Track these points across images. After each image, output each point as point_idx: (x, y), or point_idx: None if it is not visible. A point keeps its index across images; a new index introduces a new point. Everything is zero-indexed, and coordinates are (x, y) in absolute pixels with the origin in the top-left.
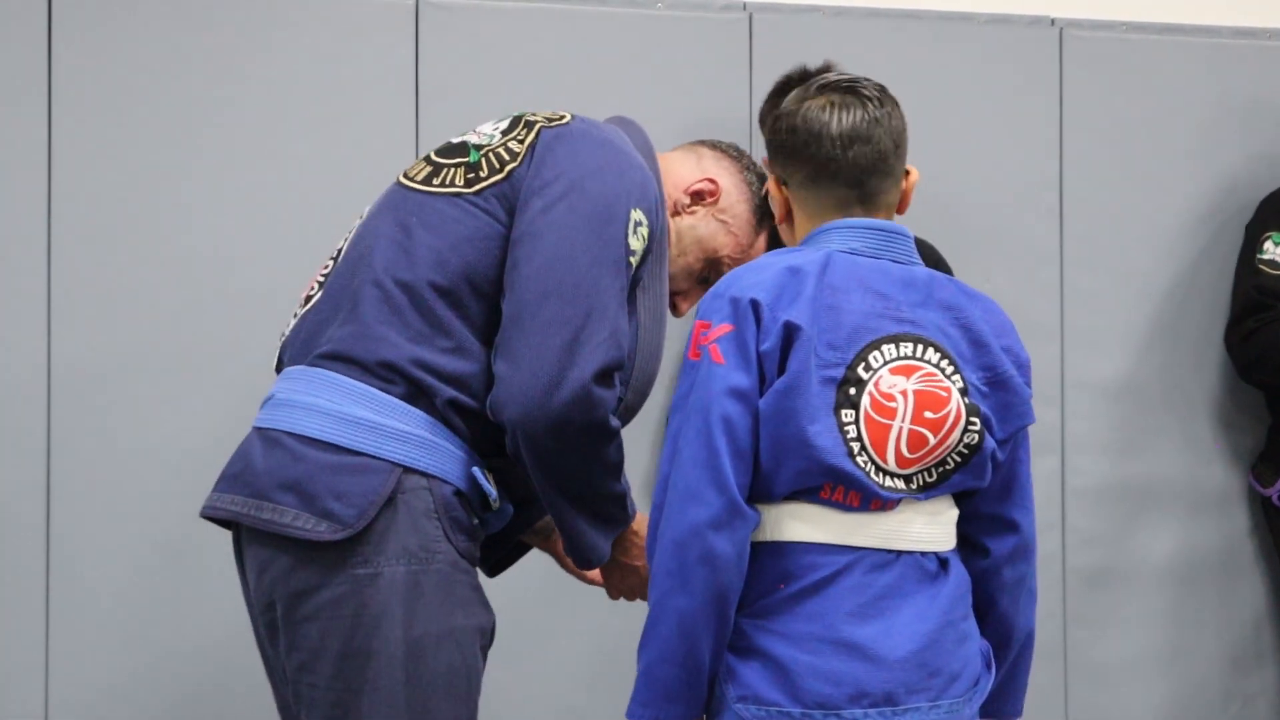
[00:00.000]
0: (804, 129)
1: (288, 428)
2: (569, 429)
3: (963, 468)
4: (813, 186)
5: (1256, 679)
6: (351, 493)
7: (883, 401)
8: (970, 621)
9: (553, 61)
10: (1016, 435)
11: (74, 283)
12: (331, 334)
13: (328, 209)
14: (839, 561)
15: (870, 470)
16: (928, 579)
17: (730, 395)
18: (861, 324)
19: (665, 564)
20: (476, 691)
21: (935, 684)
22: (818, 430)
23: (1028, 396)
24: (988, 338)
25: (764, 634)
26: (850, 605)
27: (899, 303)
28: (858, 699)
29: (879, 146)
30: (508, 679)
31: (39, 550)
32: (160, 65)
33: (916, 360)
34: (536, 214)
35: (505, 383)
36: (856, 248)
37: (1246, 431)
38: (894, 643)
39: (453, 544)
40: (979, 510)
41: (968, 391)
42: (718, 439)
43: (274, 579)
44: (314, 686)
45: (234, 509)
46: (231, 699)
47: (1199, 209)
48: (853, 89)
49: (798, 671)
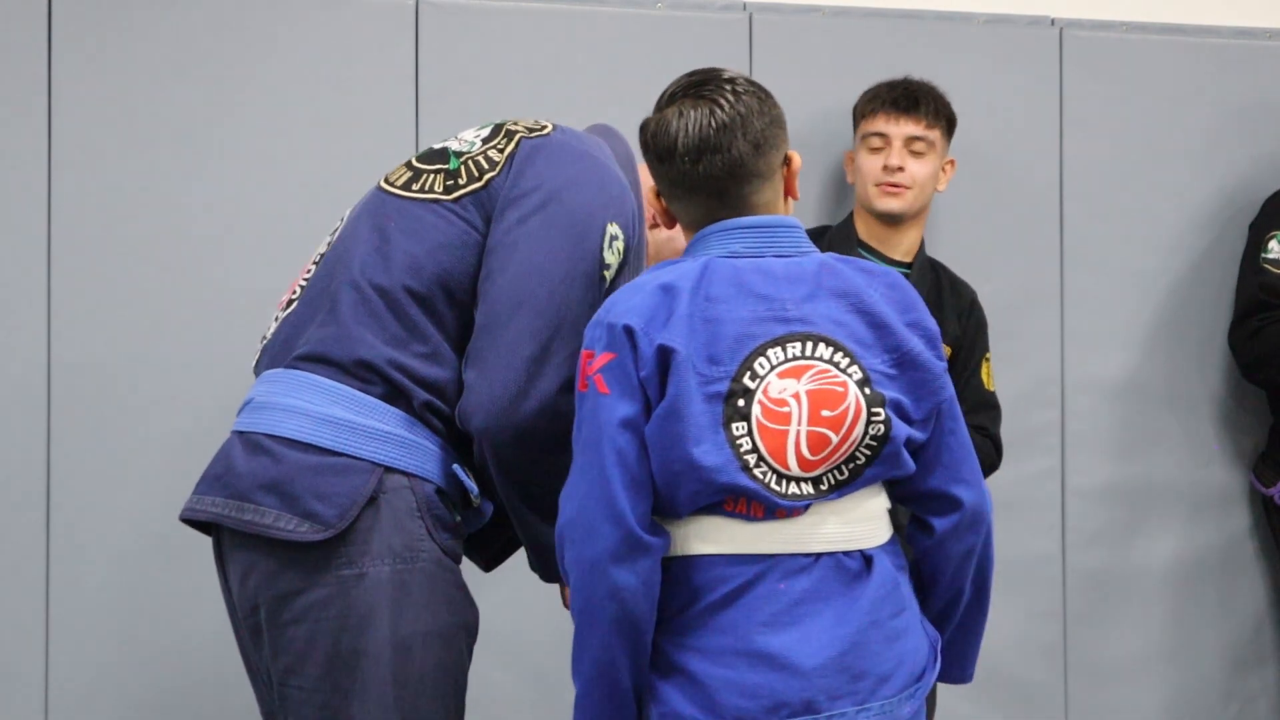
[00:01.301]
0: (656, 145)
1: (268, 430)
2: (534, 440)
3: (874, 461)
4: (676, 200)
5: (1256, 679)
6: (333, 493)
7: (774, 408)
8: (904, 617)
9: (553, 61)
10: (938, 410)
11: (74, 283)
12: (310, 335)
13: (328, 209)
14: (749, 572)
15: (770, 480)
16: (849, 579)
17: (619, 426)
18: (744, 332)
19: (575, 602)
20: (464, 689)
21: (862, 687)
22: (704, 450)
23: (941, 370)
24: (889, 318)
25: (681, 650)
26: (764, 615)
27: (784, 301)
28: (775, 710)
29: (732, 153)
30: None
31: (39, 550)
32: (160, 66)
33: (806, 359)
34: (512, 224)
35: (473, 391)
36: (736, 249)
37: (1247, 431)
38: (810, 649)
39: (436, 542)
40: (916, 490)
41: (869, 381)
42: (610, 471)
43: (258, 582)
44: (301, 689)
45: (215, 511)
46: (232, 698)
47: (1199, 209)
48: (704, 94)
49: (713, 686)
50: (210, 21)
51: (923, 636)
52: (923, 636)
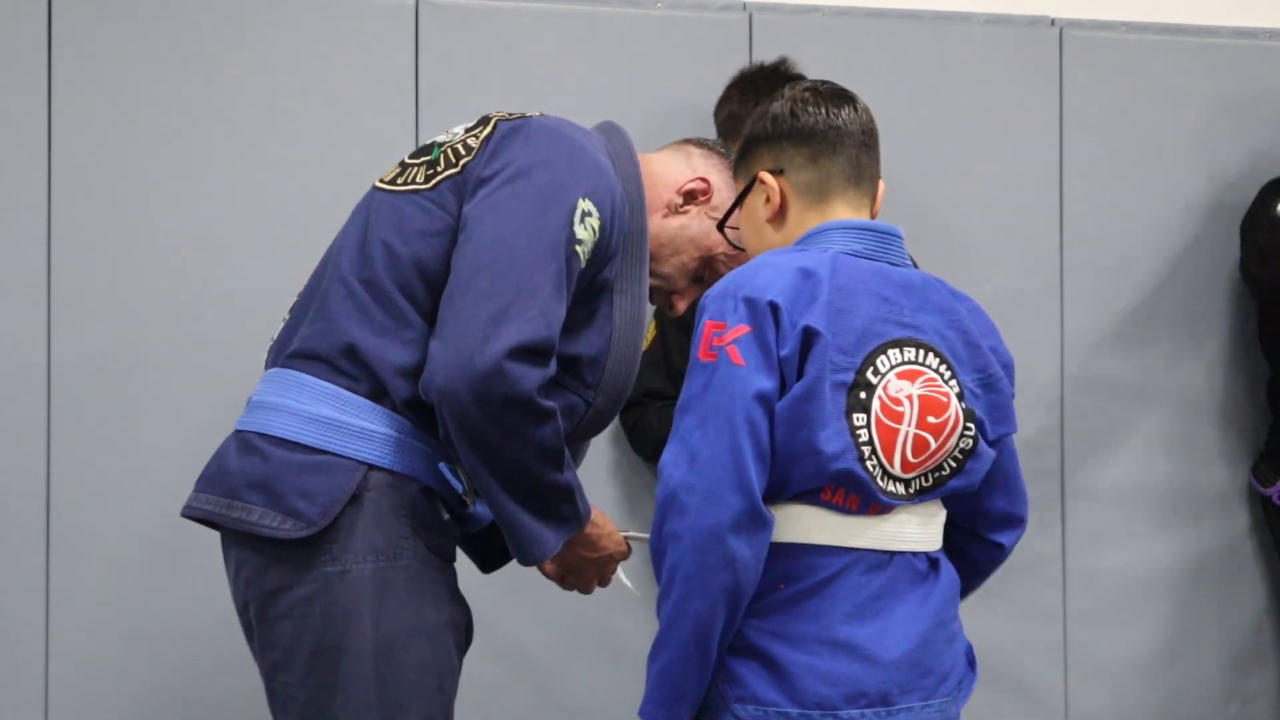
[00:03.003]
0: (803, 110)
1: (259, 429)
2: (491, 402)
3: (958, 473)
4: (813, 167)
5: (1256, 679)
6: (316, 491)
7: (891, 406)
8: (959, 622)
9: (553, 61)
10: (1004, 440)
11: (74, 282)
12: (301, 333)
13: (328, 209)
14: (838, 563)
15: (878, 475)
16: (919, 579)
17: (754, 398)
18: (869, 328)
19: (684, 567)
20: (451, 687)
21: (927, 683)
22: (828, 435)
23: (1011, 397)
24: (978, 339)
25: (762, 634)
26: (847, 606)
27: (901, 307)
28: (854, 699)
29: (864, 123)
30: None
31: (39, 550)
32: (160, 65)
33: (919, 365)
34: (480, 200)
35: (433, 358)
36: (857, 249)
37: (1247, 431)
38: (889, 643)
39: (422, 540)
40: (987, 510)
41: (964, 396)
42: (742, 442)
43: (248, 579)
44: (288, 685)
45: (208, 508)
46: (232, 698)
47: (1199, 209)
48: (833, 87)
49: (795, 672)
50: (210, 21)
51: (964, 643)
52: (964, 643)
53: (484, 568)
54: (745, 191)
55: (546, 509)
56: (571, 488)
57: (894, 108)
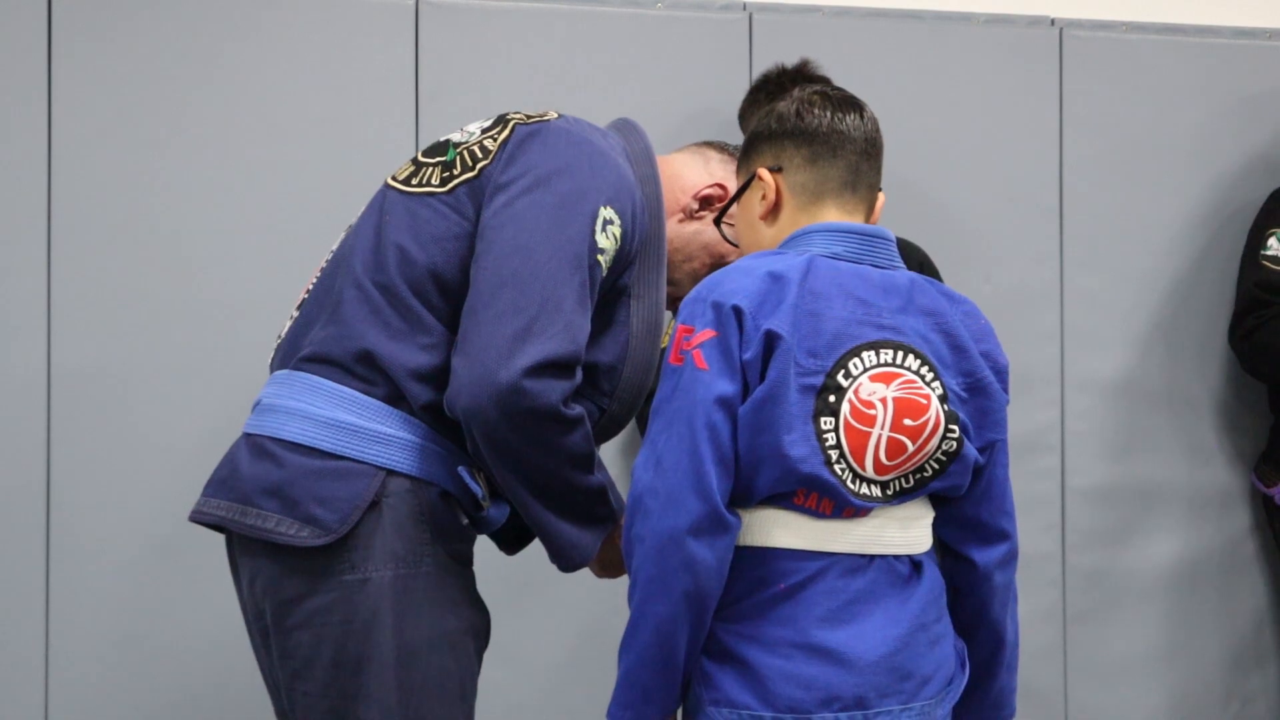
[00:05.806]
0: (808, 111)
1: (271, 433)
2: (518, 416)
3: (940, 475)
4: (811, 168)
5: (1256, 679)
6: (334, 498)
7: (862, 409)
8: (944, 623)
9: (553, 61)
10: (994, 446)
11: (74, 283)
12: (314, 336)
13: (328, 209)
14: (812, 567)
15: (847, 478)
16: (900, 582)
17: (715, 403)
18: (842, 331)
19: (646, 570)
20: (472, 694)
21: (907, 687)
22: (793, 439)
23: (1004, 403)
24: (968, 343)
25: (737, 638)
26: (822, 610)
27: (880, 309)
28: (828, 703)
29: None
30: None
31: (39, 550)
32: (160, 66)
33: (896, 367)
34: (500, 207)
35: (456, 375)
36: (838, 252)
37: (1248, 431)
38: (866, 647)
39: (441, 546)
40: (968, 519)
41: (947, 398)
42: (702, 446)
43: (263, 587)
44: (308, 694)
45: (220, 514)
46: (232, 699)
47: (1199, 209)
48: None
49: (769, 676)
50: (210, 22)
51: (953, 643)
52: (953, 643)
53: (509, 550)
54: (744, 187)
55: (582, 513)
56: (604, 488)
57: (894, 107)
